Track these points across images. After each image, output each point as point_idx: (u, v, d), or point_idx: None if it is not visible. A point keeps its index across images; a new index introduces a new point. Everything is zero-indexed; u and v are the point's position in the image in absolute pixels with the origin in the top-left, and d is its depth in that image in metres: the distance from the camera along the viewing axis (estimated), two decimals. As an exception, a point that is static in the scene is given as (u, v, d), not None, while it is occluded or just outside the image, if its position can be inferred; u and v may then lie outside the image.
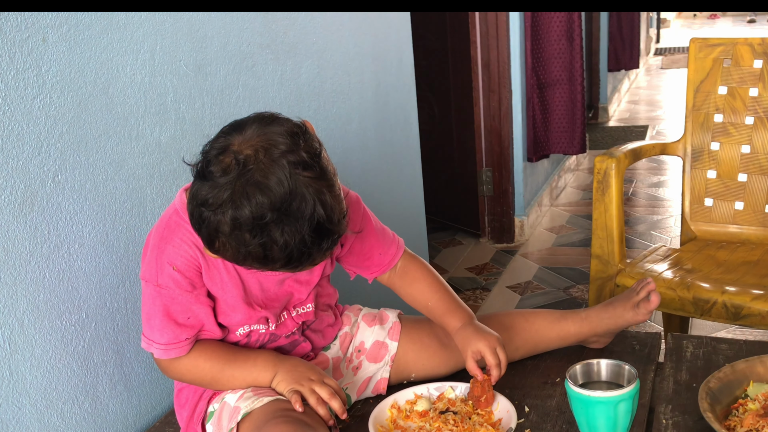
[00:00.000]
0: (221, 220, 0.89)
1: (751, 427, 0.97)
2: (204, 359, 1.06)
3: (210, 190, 0.90)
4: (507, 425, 1.05)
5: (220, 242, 0.91)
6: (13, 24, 0.96)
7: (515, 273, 2.99)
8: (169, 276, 1.02)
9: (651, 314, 1.19)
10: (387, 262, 1.19)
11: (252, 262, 0.92)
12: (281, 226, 0.88)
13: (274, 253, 0.90)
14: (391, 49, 2.05)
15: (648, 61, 8.48)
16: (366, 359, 1.20)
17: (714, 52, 1.97)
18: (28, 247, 1.01)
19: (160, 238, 1.03)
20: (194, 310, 1.05)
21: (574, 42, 3.28)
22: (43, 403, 1.04)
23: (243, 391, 1.07)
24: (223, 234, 0.90)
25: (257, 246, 0.89)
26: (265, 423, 0.99)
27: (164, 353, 1.05)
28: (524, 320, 1.24)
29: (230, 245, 0.91)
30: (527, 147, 3.33)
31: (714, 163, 1.97)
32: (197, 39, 1.31)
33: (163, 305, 1.03)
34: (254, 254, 0.90)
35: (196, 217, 0.92)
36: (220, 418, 1.07)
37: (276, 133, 0.91)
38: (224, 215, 0.89)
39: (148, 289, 1.04)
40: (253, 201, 0.87)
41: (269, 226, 0.88)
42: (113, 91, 1.13)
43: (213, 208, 0.89)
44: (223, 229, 0.89)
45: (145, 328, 1.05)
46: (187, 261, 1.02)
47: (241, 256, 0.92)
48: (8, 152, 0.97)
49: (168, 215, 1.04)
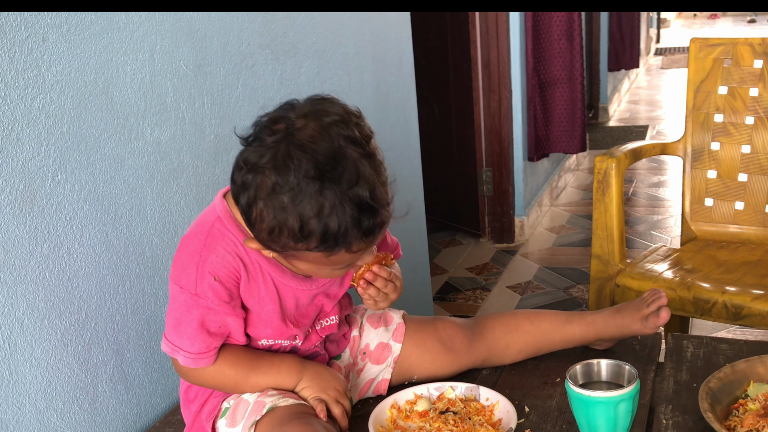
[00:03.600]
0: (261, 181, 0.88)
1: (751, 427, 0.97)
2: (228, 366, 1.05)
3: (255, 150, 0.89)
4: (507, 425, 1.05)
5: (257, 210, 0.89)
6: (13, 24, 0.96)
7: (515, 273, 2.99)
8: (209, 286, 0.99)
9: (658, 329, 1.18)
10: None
11: (287, 236, 0.89)
12: (322, 192, 0.86)
13: (311, 225, 0.87)
14: (391, 49, 2.05)
15: (648, 61, 8.48)
16: (370, 361, 1.20)
17: (714, 52, 1.97)
18: (27, 247, 1.01)
19: (202, 245, 0.99)
20: (227, 320, 1.03)
21: (575, 42, 3.28)
22: (42, 403, 1.04)
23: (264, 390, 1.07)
24: (261, 198, 0.88)
25: (294, 214, 0.87)
26: (288, 422, 0.98)
27: (193, 362, 1.02)
28: (529, 323, 1.23)
29: (267, 213, 0.88)
30: (528, 146, 3.33)
31: (714, 163, 1.97)
32: (197, 39, 1.31)
33: (199, 315, 1.00)
34: (290, 225, 0.88)
35: (238, 181, 0.90)
36: (235, 413, 1.06)
37: (330, 107, 0.92)
38: (265, 176, 0.87)
39: (182, 295, 1.00)
40: (295, 162, 0.86)
41: (309, 191, 0.86)
42: (113, 91, 1.13)
43: (254, 168, 0.88)
44: (261, 193, 0.88)
45: (171, 332, 1.02)
46: (229, 272, 1.00)
47: (277, 228, 0.89)
48: (8, 152, 0.97)
49: (210, 222, 1.01)
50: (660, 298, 1.17)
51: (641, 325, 1.17)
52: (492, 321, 1.24)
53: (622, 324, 1.19)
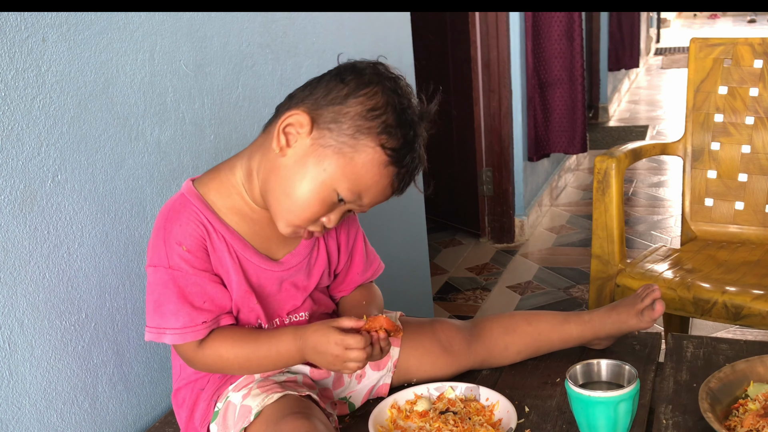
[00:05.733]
0: (385, 84, 1.00)
1: (751, 428, 0.97)
2: (225, 348, 1.03)
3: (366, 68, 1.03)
4: (507, 425, 1.05)
5: (373, 89, 0.99)
6: (13, 24, 0.96)
7: (515, 273, 2.99)
8: (179, 256, 1.00)
9: (654, 322, 1.19)
10: (358, 281, 1.20)
11: (383, 122, 0.98)
12: (421, 126, 1.02)
13: (406, 129, 0.99)
14: (391, 49, 2.05)
15: (648, 60, 8.48)
16: (369, 367, 1.19)
17: (714, 52, 1.97)
18: (27, 247, 1.01)
19: (165, 219, 1.02)
20: (209, 292, 1.02)
21: (575, 42, 3.28)
22: (42, 403, 1.04)
23: (249, 389, 1.06)
24: (384, 88, 1.00)
25: (403, 115, 0.99)
26: (281, 419, 0.97)
27: (180, 338, 1.01)
28: (527, 323, 1.23)
29: (383, 96, 0.99)
30: (528, 146, 3.33)
31: (714, 163, 1.97)
32: (197, 39, 1.31)
33: (177, 287, 1.00)
34: (394, 116, 0.98)
35: (349, 75, 1.02)
36: (226, 418, 1.06)
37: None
38: (387, 80, 1.01)
39: (157, 274, 1.01)
40: (408, 90, 1.02)
41: (416, 118, 1.01)
42: (113, 91, 1.13)
43: (378, 72, 1.01)
44: (386, 86, 1.00)
45: (152, 318, 1.02)
46: (195, 240, 1.01)
47: (382, 109, 0.98)
48: (8, 152, 0.97)
49: (172, 201, 1.05)
50: (653, 291, 1.19)
51: (637, 320, 1.18)
52: (490, 322, 1.24)
53: (618, 320, 1.20)
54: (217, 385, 1.10)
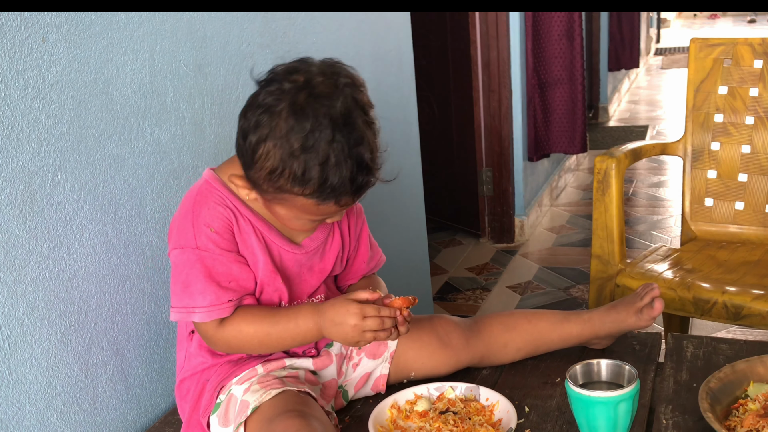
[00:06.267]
0: (276, 123, 0.93)
1: (751, 428, 0.97)
2: (246, 323, 1.05)
3: (272, 93, 0.95)
4: (507, 425, 1.05)
5: (265, 149, 0.94)
6: (13, 24, 0.96)
7: (515, 273, 2.99)
8: (207, 237, 1.03)
9: (654, 320, 1.19)
10: (363, 270, 1.22)
11: (287, 177, 0.94)
12: (331, 144, 0.93)
13: (313, 172, 0.93)
14: (391, 49, 2.05)
15: (648, 61, 8.48)
16: (365, 355, 1.20)
17: (714, 52, 1.97)
18: (27, 247, 1.01)
19: (193, 203, 1.05)
20: (234, 273, 1.05)
21: (575, 42, 3.28)
22: (42, 403, 1.04)
23: (250, 383, 1.07)
24: (273, 138, 0.93)
25: (301, 159, 0.93)
26: (275, 417, 0.98)
27: (207, 315, 1.03)
28: (527, 321, 1.24)
29: (275, 153, 0.94)
30: (528, 146, 3.33)
31: (714, 163, 1.97)
32: (197, 39, 1.31)
33: (205, 267, 1.03)
34: (294, 169, 0.93)
35: (251, 119, 0.95)
36: (227, 411, 1.06)
37: (343, 71, 0.98)
38: (281, 118, 0.93)
39: (185, 255, 1.03)
40: (313, 111, 0.92)
41: (320, 141, 0.92)
42: (113, 91, 1.13)
43: (271, 110, 0.94)
44: (273, 133, 0.93)
45: (180, 298, 1.04)
46: (222, 222, 1.04)
47: (280, 169, 0.94)
48: (8, 152, 0.97)
49: (197, 187, 1.07)
50: (652, 290, 1.19)
51: (636, 318, 1.19)
52: (489, 319, 1.25)
53: (618, 318, 1.20)
54: (222, 377, 1.10)
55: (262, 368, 1.10)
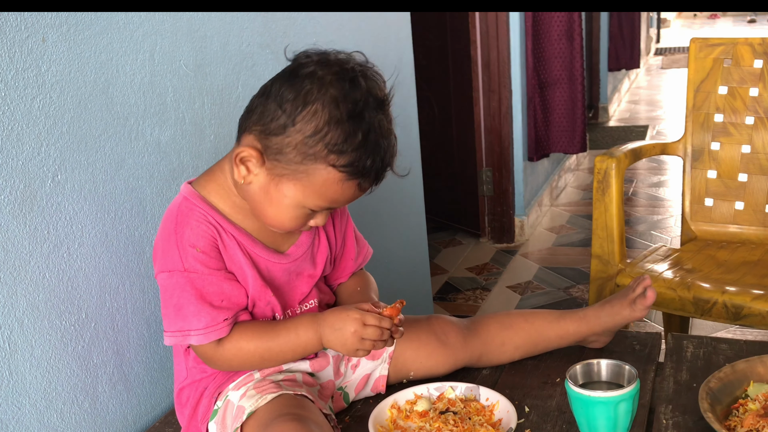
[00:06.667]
0: (326, 90, 0.93)
1: (751, 428, 0.97)
2: (245, 340, 1.04)
3: (320, 63, 0.96)
4: (507, 425, 1.05)
5: (313, 108, 0.93)
6: (13, 24, 0.96)
7: (515, 273, 2.99)
8: (194, 258, 1.01)
9: (648, 310, 1.19)
10: (351, 268, 1.22)
11: (327, 144, 0.94)
12: (374, 119, 0.95)
13: (355, 141, 0.94)
14: (391, 49, 2.05)
15: (648, 60, 8.48)
16: (364, 357, 1.20)
17: (714, 52, 1.97)
18: (27, 247, 1.01)
19: (175, 224, 1.02)
20: (226, 291, 1.03)
21: (575, 42, 3.28)
22: (42, 403, 1.04)
23: (246, 389, 1.06)
24: (322, 100, 0.93)
25: (347, 125, 0.93)
26: (271, 421, 0.98)
27: (204, 338, 1.02)
28: (524, 320, 1.24)
29: (323, 113, 0.93)
30: (528, 146, 3.33)
31: (714, 163, 1.97)
32: (197, 39, 1.31)
33: (195, 289, 1.01)
34: (339, 131, 0.93)
35: (296, 83, 0.95)
36: (225, 417, 1.06)
37: (372, 68, 1.00)
38: (332, 85, 0.94)
39: (173, 278, 1.01)
40: (362, 86, 0.94)
41: (367, 112, 0.94)
42: (113, 91, 1.13)
43: (323, 78, 0.94)
44: (323, 97, 0.93)
45: (174, 322, 1.02)
46: (207, 240, 1.02)
47: (325, 129, 0.93)
48: (8, 152, 0.97)
49: (176, 206, 1.04)
50: (644, 280, 1.20)
51: (630, 310, 1.19)
52: (487, 318, 1.25)
53: (612, 312, 1.21)
54: (219, 383, 1.10)
55: (259, 373, 1.09)
